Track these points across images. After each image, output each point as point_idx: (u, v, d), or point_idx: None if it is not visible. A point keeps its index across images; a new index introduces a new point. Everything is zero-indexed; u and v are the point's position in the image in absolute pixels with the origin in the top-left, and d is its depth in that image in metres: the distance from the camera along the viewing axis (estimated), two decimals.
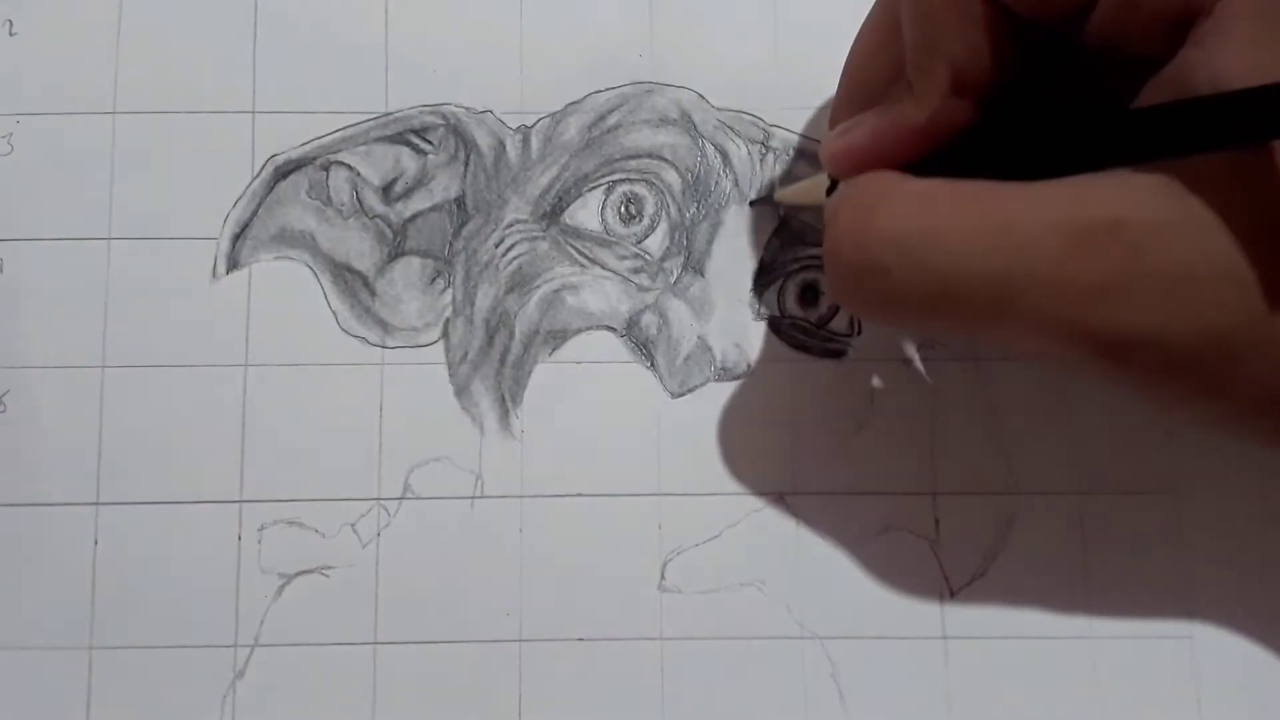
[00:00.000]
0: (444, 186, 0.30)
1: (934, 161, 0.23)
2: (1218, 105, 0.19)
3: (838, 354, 0.29)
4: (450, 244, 0.30)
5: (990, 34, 0.22)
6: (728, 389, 0.29)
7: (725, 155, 0.30)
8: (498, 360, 0.29)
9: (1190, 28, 0.20)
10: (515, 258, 0.29)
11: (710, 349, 0.29)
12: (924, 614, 0.28)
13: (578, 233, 0.30)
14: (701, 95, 0.30)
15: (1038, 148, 0.21)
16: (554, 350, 0.29)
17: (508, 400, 0.29)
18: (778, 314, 0.29)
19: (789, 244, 0.30)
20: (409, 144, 0.30)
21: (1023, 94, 0.23)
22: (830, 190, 0.25)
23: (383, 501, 0.28)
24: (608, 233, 0.30)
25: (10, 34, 0.30)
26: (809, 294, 0.29)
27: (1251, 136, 0.18)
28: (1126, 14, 0.21)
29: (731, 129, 0.30)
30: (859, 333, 0.29)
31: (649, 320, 0.29)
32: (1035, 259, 0.20)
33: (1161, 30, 0.20)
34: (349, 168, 0.30)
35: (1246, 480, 0.28)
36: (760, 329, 0.29)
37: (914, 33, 0.23)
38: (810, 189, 0.27)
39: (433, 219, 0.30)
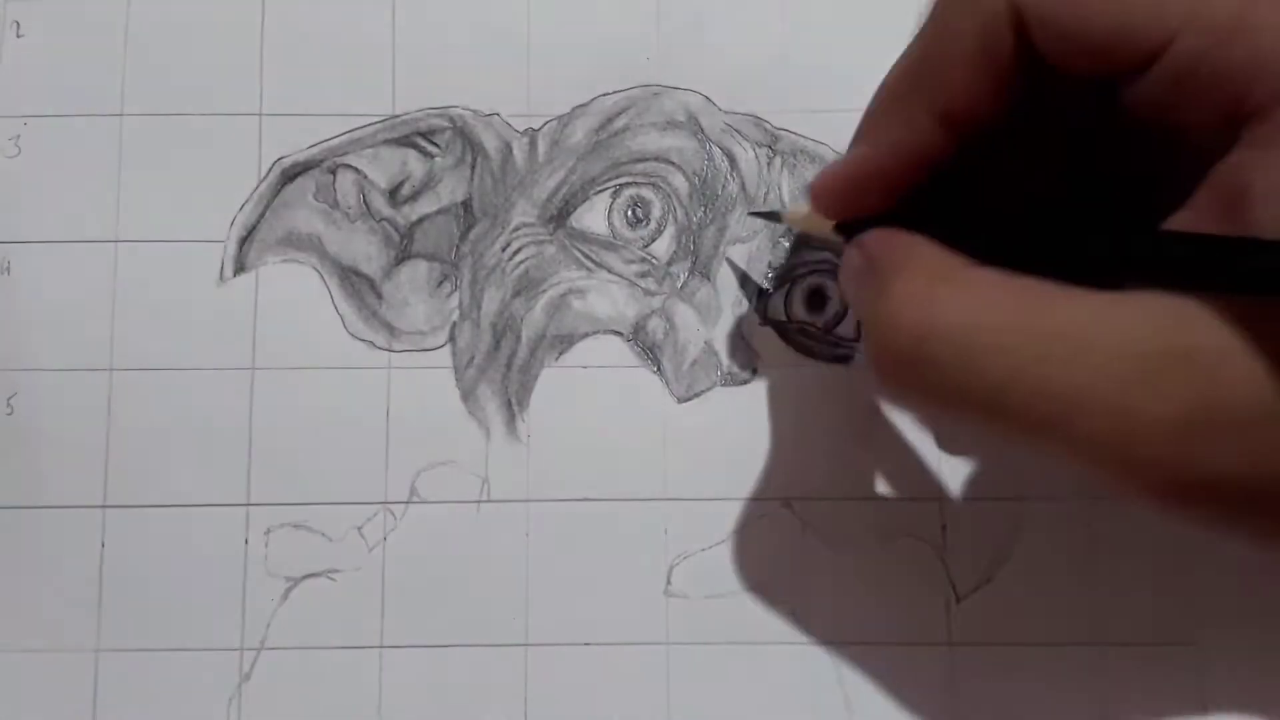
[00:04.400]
0: (451, 189, 0.30)
1: (988, 243, 0.22)
2: None
3: (844, 359, 0.29)
4: (457, 247, 0.30)
5: (997, 74, 0.21)
6: (734, 394, 0.29)
7: (732, 159, 0.30)
8: (504, 364, 0.29)
9: (1245, 121, 0.19)
10: (522, 261, 0.29)
11: (717, 354, 0.29)
12: (930, 620, 0.28)
13: (584, 236, 0.30)
14: (709, 98, 0.30)
15: (1097, 256, 0.21)
16: (560, 354, 0.29)
17: (514, 404, 0.29)
18: (785, 318, 0.29)
19: (796, 248, 0.29)
20: (416, 147, 0.30)
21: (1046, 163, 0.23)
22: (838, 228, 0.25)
23: (389, 505, 0.28)
24: (614, 236, 0.30)
25: (18, 35, 0.30)
26: (816, 298, 0.29)
27: None
28: (1181, 86, 0.20)
29: (739, 132, 0.30)
30: None
31: (655, 325, 0.29)
32: (1101, 382, 0.19)
33: (1213, 115, 0.19)
34: (356, 170, 0.30)
35: None
36: (767, 334, 0.29)
37: (919, 52, 0.22)
38: (818, 218, 0.26)
39: (439, 222, 0.30)
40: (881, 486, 0.29)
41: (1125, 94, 0.21)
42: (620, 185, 0.30)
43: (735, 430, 0.29)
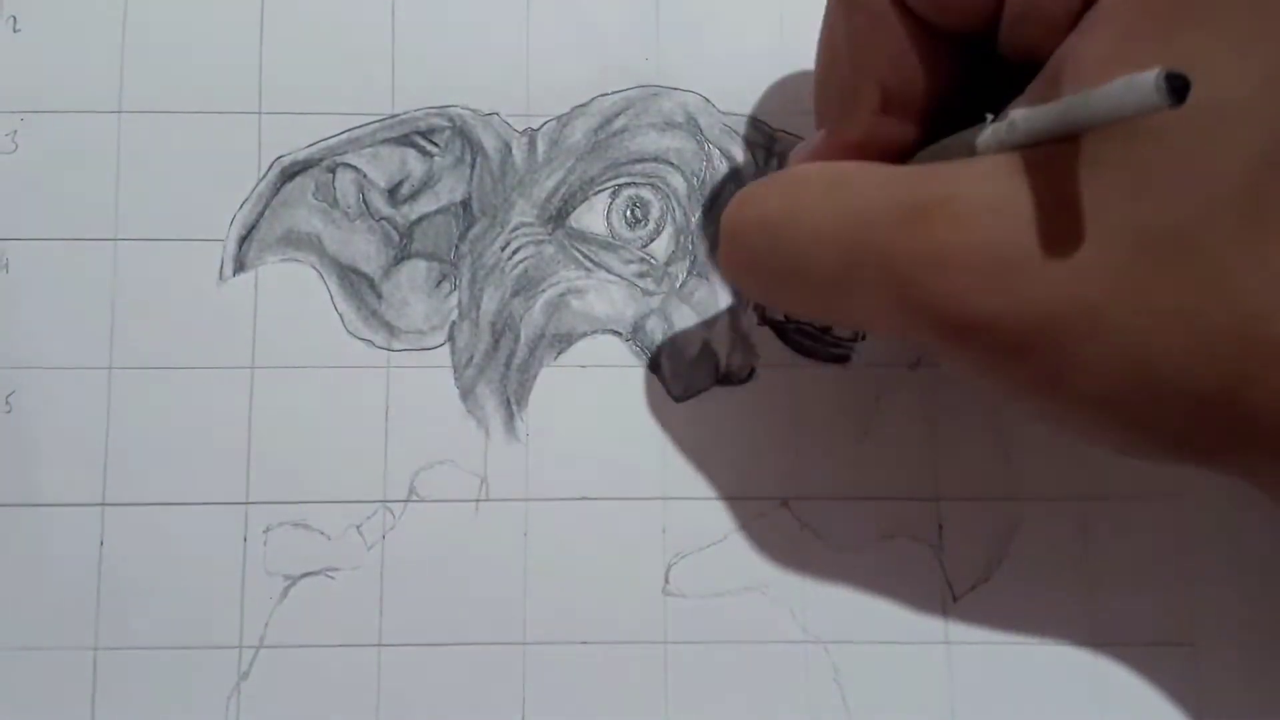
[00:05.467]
0: (450, 189, 0.30)
1: None
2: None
3: (842, 359, 0.29)
4: (456, 247, 0.30)
5: (914, 54, 0.23)
6: (732, 393, 0.29)
7: (731, 160, 0.30)
8: (503, 364, 0.29)
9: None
10: (521, 261, 0.30)
11: (715, 353, 0.29)
12: (927, 619, 0.28)
13: (583, 236, 0.30)
14: (707, 99, 0.30)
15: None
16: (559, 354, 0.29)
17: (513, 403, 0.29)
18: (782, 318, 0.29)
19: None
20: (415, 146, 0.30)
21: (964, 105, 0.24)
22: None
23: (388, 504, 0.29)
24: (613, 236, 0.30)
25: (14, 30, 0.30)
26: None
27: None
28: (1029, 15, 0.21)
29: (737, 133, 0.30)
30: (864, 338, 0.29)
31: (654, 324, 0.29)
32: (873, 232, 0.21)
33: (1065, 32, 0.21)
34: (355, 170, 0.30)
35: (1251, 487, 0.29)
36: (765, 333, 0.29)
37: (845, 56, 0.24)
38: None
39: (439, 221, 0.30)
40: (879, 486, 0.29)
41: (1001, 42, 0.22)
42: (619, 185, 0.30)
43: (734, 430, 0.29)
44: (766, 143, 0.30)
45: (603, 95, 0.30)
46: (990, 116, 0.22)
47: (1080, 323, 0.19)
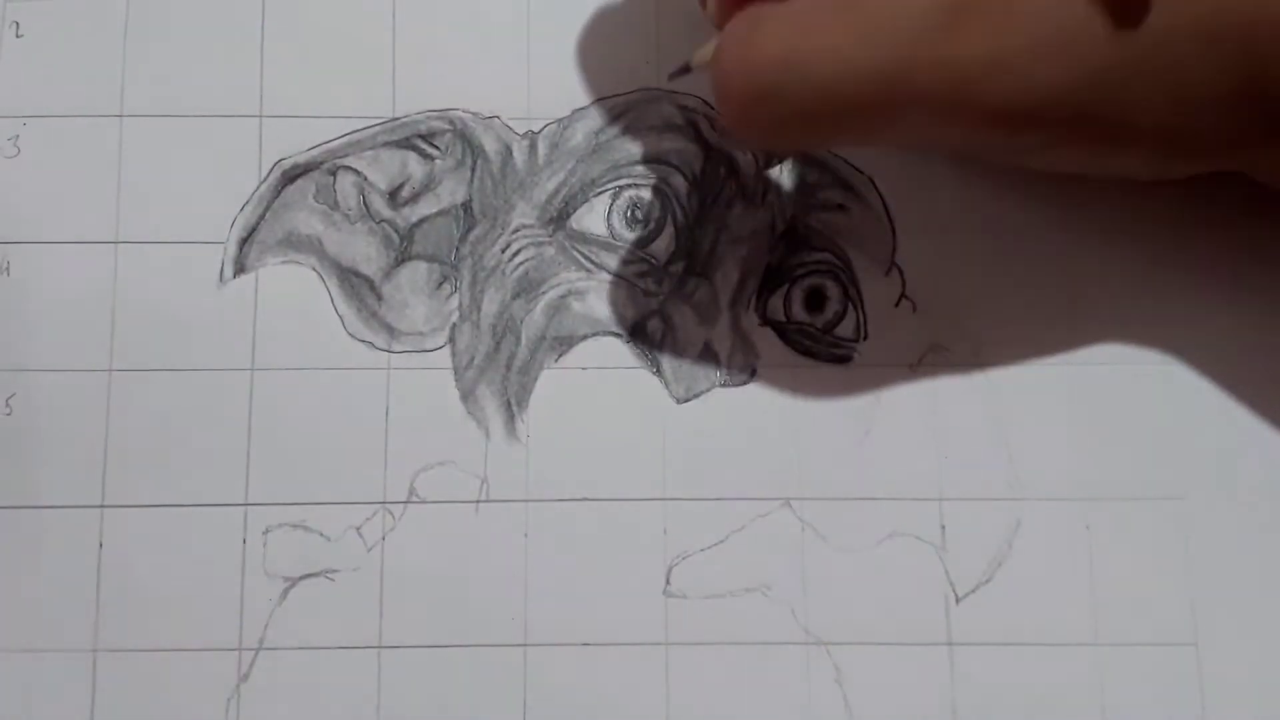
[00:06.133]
0: (451, 191, 0.30)
1: None
2: None
3: (844, 359, 0.29)
4: (457, 249, 0.30)
5: None
6: (733, 394, 0.29)
7: (731, 160, 0.30)
8: (504, 365, 0.29)
9: None
10: (522, 263, 0.30)
11: (716, 354, 0.29)
12: (929, 620, 0.28)
13: (584, 237, 0.30)
14: (708, 102, 0.30)
15: None
16: (560, 356, 0.29)
17: (513, 405, 0.29)
18: (784, 319, 0.29)
19: (795, 249, 0.30)
20: (416, 149, 0.30)
21: None
22: None
23: (388, 505, 0.28)
24: (614, 237, 0.30)
25: (17, 36, 0.30)
26: (815, 299, 0.29)
27: None
28: None
29: None
30: (865, 338, 0.29)
31: (654, 326, 0.29)
32: (919, 42, 0.21)
33: None
34: (356, 172, 0.30)
35: (1254, 487, 0.28)
36: (766, 334, 0.29)
37: None
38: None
39: (439, 224, 0.30)
40: (881, 486, 0.29)
41: None
42: (620, 187, 0.30)
43: (735, 430, 0.29)
44: None
45: (603, 98, 0.30)
46: None
47: (1131, 71, 0.20)
